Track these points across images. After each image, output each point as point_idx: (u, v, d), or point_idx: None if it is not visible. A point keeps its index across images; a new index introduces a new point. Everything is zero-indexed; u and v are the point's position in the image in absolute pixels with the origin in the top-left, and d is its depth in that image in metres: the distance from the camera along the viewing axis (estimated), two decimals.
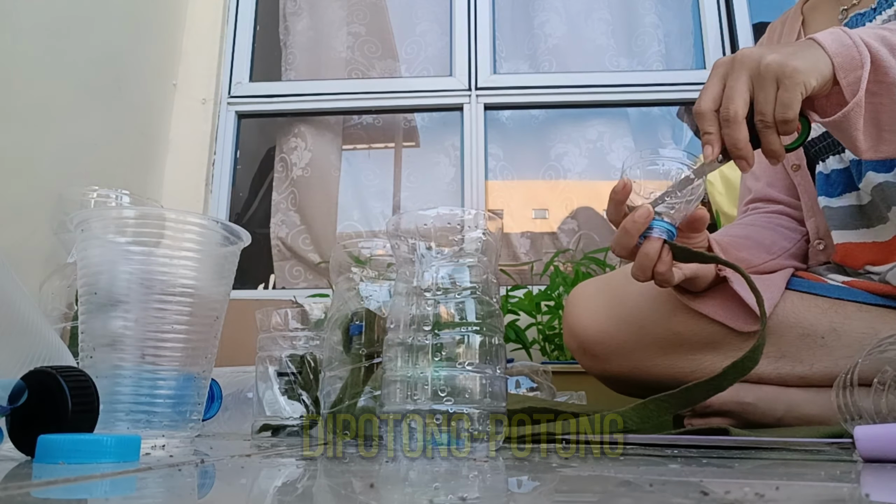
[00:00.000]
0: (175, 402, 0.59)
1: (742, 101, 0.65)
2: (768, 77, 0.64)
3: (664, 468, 0.42)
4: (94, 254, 0.60)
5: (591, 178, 2.08)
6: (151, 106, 1.86)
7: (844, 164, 0.86)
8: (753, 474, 0.37)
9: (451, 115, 2.08)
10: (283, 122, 2.16)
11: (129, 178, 1.71)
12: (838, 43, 0.65)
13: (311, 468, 0.46)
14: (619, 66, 2.09)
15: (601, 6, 2.14)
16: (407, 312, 0.57)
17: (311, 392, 0.87)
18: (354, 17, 2.22)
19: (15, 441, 0.46)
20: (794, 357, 0.80)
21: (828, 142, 0.87)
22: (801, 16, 0.97)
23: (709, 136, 0.68)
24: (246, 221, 2.12)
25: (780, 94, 0.64)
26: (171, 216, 0.62)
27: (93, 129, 1.55)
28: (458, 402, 0.54)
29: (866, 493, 0.32)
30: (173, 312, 0.60)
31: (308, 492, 0.35)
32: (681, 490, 0.32)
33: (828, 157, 0.89)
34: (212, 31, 2.05)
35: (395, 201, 2.13)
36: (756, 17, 1.98)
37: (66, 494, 0.32)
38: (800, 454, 0.52)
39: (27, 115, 1.33)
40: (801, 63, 0.63)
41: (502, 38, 2.14)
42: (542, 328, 1.54)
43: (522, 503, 0.30)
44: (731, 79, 0.67)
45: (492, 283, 0.59)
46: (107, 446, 0.43)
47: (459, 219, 0.59)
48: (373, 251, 0.73)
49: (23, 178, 1.29)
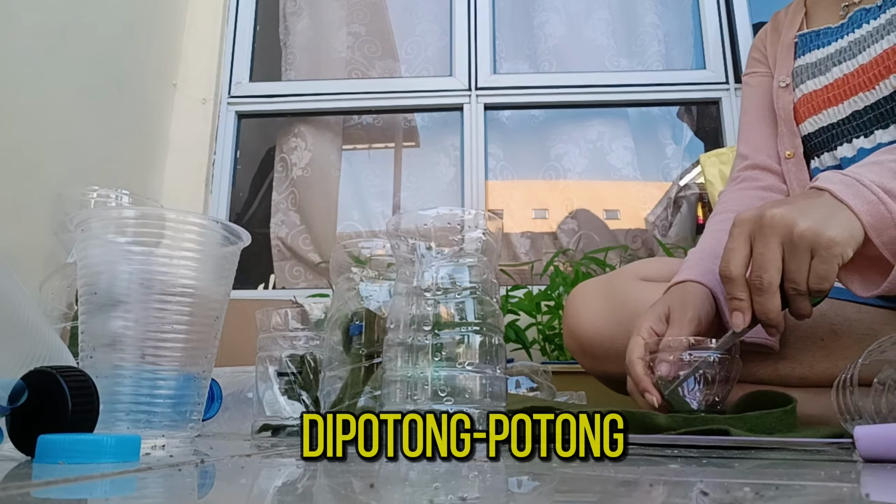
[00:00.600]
0: (175, 402, 0.59)
1: (776, 271, 0.62)
2: (802, 247, 0.61)
3: (664, 468, 0.42)
4: (94, 254, 0.60)
5: (591, 178, 2.09)
6: (151, 106, 1.87)
7: (836, 162, 0.86)
8: (753, 474, 0.37)
9: (451, 115, 2.08)
10: (283, 122, 2.16)
11: (129, 178, 1.71)
12: (862, 200, 0.62)
13: (311, 468, 0.46)
14: (619, 66, 2.09)
15: (601, 6, 2.14)
16: (407, 312, 0.57)
17: (311, 392, 0.87)
18: (354, 17, 2.22)
19: (15, 441, 0.46)
20: (794, 358, 0.80)
21: (823, 138, 0.87)
22: (805, 8, 0.97)
23: (739, 302, 0.64)
24: (246, 221, 2.12)
25: (817, 264, 0.60)
26: (171, 216, 0.62)
27: (93, 129, 1.55)
28: (458, 402, 0.54)
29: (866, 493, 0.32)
30: (173, 312, 0.60)
31: (308, 492, 0.35)
32: (681, 490, 0.32)
33: (822, 154, 0.88)
34: (212, 31, 2.05)
35: (395, 201, 2.13)
36: (756, 17, 1.98)
37: (66, 494, 0.32)
38: (800, 454, 0.52)
39: (27, 115, 1.33)
40: (838, 233, 0.60)
41: (502, 38, 2.14)
42: (542, 328, 1.54)
43: (522, 503, 0.30)
44: (761, 244, 0.63)
45: (492, 283, 0.59)
46: (107, 446, 0.43)
47: (459, 219, 0.59)
48: (373, 251, 0.73)
49: (23, 178, 1.29)
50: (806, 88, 0.90)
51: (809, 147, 0.91)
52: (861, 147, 0.83)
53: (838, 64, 0.86)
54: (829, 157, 0.87)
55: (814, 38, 0.92)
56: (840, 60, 0.86)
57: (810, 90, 0.89)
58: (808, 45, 0.92)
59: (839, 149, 0.85)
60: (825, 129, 0.87)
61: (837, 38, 0.88)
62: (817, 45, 0.91)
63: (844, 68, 0.85)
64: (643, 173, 2.08)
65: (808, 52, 0.92)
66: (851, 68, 0.84)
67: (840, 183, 0.63)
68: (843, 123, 0.85)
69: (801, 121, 0.90)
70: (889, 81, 0.79)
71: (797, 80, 0.92)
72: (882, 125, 0.81)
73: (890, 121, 0.80)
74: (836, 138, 0.86)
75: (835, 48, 0.88)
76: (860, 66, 0.83)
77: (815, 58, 0.90)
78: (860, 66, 0.83)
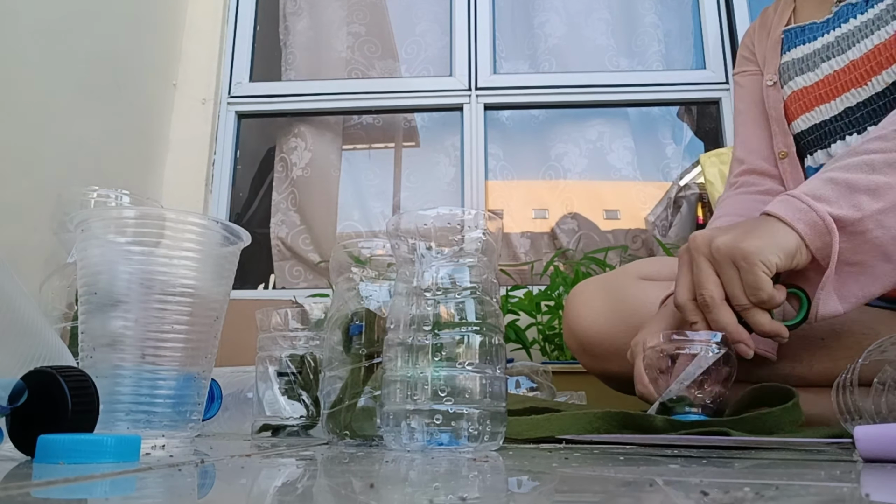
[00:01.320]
0: (175, 402, 0.59)
1: (713, 285, 0.65)
2: (723, 261, 0.64)
3: (664, 468, 0.42)
4: (94, 254, 0.60)
5: (591, 178, 2.09)
6: (151, 106, 1.87)
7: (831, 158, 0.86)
8: (753, 474, 0.37)
9: (451, 115, 2.08)
10: (283, 122, 2.16)
11: (129, 178, 1.71)
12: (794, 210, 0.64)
13: (311, 468, 0.46)
14: (619, 66, 2.09)
15: (601, 6, 2.15)
16: (407, 312, 0.57)
17: (311, 392, 0.87)
18: (354, 17, 2.22)
19: (15, 441, 0.46)
20: (794, 357, 0.80)
21: (816, 135, 0.87)
22: (793, 3, 0.97)
23: (695, 325, 0.68)
24: (246, 221, 2.12)
25: (743, 276, 0.63)
26: (171, 216, 0.62)
27: (93, 129, 1.55)
28: (458, 402, 0.54)
29: (866, 493, 0.32)
30: (173, 312, 0.60)
31: (308, 492, 0.35)
32: (681, 490, 0.32)
33: (815, 151, 0.88)
34: (212, 31, 2.05)
35: (395, 201, 2.14)
36: (756, 16, 1.98)
37: (66, 494, 0.32)
38: (800, 454, 0.52)
39: (27, 115, 1.33)
40: (754, 243, 0.63)
41: (502, 38, 2.14)
42: (542, 328, 1.54)
43: (522, 503, 0.30)
44: (694, 266, 0.67)
45: (492, 283, 0.59)
46: (107, 446, 0.43)
47: (459, 219, 0.59)
48: (373, 251, 0.73)
49: (23, 178, 1.29)
50: (795, 85, 0.89)
51: (803, 145, 0.90)
52: None
53: (827, 60, 0.86)
54: (823, 155, 0.87)
55: (799, 34, 0.92)
56: (828, 56, 0.86)
57: (800, 87, 0.89)
58: (794, 41, 0.92)
59: (833, 146, 0.85)
60: (818, 127, 0.86)
61: (823, 33, 0.88)
62: (803, 41, 0.90)
63: (834, 64, 0.85)
64: (643, 173, 2.08)
65: (793, 48, 0.92)
66: (841, 64, 0.84)
67: (778, 202, 0.66)
68: (836, 120, 0.84)
69: (792, 118, 0.90)
70: (881, 77, 0.79)
71: (784, 77, 0.92)
72: (875, 121, 0.80)
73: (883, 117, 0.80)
74: (830, 135, 0.86)
75: (821, 43, 0.87)
76: (850, 62, 0.83)
77: (800, 53, 0.90)
78: (850, 62, 0.83)
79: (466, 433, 0.53)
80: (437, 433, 0.53)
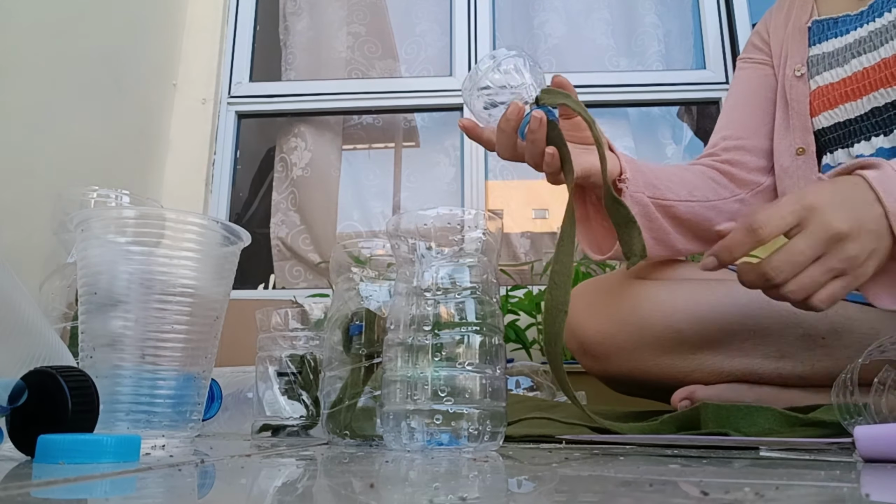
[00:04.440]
0: (175, 402, 0.59)
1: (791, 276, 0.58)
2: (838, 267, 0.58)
3: (664, 468, 0.42)
4: (94, 254, 0.60)
5: None
6: (151, 106, 1.86)
7: (852, 159, 0.83)
8: (753, 474, 0.37)
9: (451, 115, 2.08)
10: (283, 122, 2.16)
11: (129, 178, 1.71)
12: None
13: (310, 468, 0.46)
14: (619, 66, 2.09)
15: (601, 6, 2.14)
16: (407, 312, 0.57)
17: (311, 392, 0.87)
18: (354, 17, 2.22)
19: (15, 441, 0.46)
20: (795, 357, 0.80)
21: (838, 134, 0.84)
22: None
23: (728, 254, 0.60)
24: (246, 221, 2.12)
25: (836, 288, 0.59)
26: (171, 216, 0.62)
27: (93, 129, 1.55)
28: (457, 402, 0.54)
29: (866, 493, 0.32)
30: (173, 312, 0.60)
31: (308, 492, 0.35)
32: (681, 490, 0.32)
33: (836, 150, 0.85)
34: (212, 31, 2.05)
35: (395, 201, 2.13)
36: (756, 17, 1.98)
37: (66, 494, 0.32)
38: (800, 454, 0.52)
39: (27, 115, 1.33)
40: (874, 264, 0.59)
41: (502, 38, 2.13)
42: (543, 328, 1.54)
43: (522, 503, 0.30)
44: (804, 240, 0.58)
45: (492, 283, 0.59)
46: (107, 446, 0.43)
47: (459, 219, 0.59)
48: (373, 251, 0.73)
49: (23, 178, 1.29)
50: (822, 81, 0.85)
51: (822, 142, 0.86)
52: (880, 146, 0.80)
53: (858, 56, 0.82)
54: (844, 154, 0.84)
55: (831, 26, 0.87)
56: (860, 52, 0.82)
57: (826, 83, 0.85)
58: (825, 33, 0.88)
59: (856, 146, 0.82)
60: (841, 125, 0.83)
61: (857, 26, 0.84)
62: (835, 34, 0.86)
63: (864, 61, 0.81)
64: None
65: (824, 41, 0.87)
66: (872, 61, 0.80)
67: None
68: (862, 120, 0.81)
69: (813, 115, 0.86)
70: None
71: (812, 71, 0.87)
72: None
73: None
74: (853, 135, 0.82)
75: (854, 38, 0.83)
76: (882, 59, 0.79)
77: (831, 47, 0.86)
78: (882, 59, 0.79)
79: (466, 433, 0.53)
80: (437, 433, 0.53)
